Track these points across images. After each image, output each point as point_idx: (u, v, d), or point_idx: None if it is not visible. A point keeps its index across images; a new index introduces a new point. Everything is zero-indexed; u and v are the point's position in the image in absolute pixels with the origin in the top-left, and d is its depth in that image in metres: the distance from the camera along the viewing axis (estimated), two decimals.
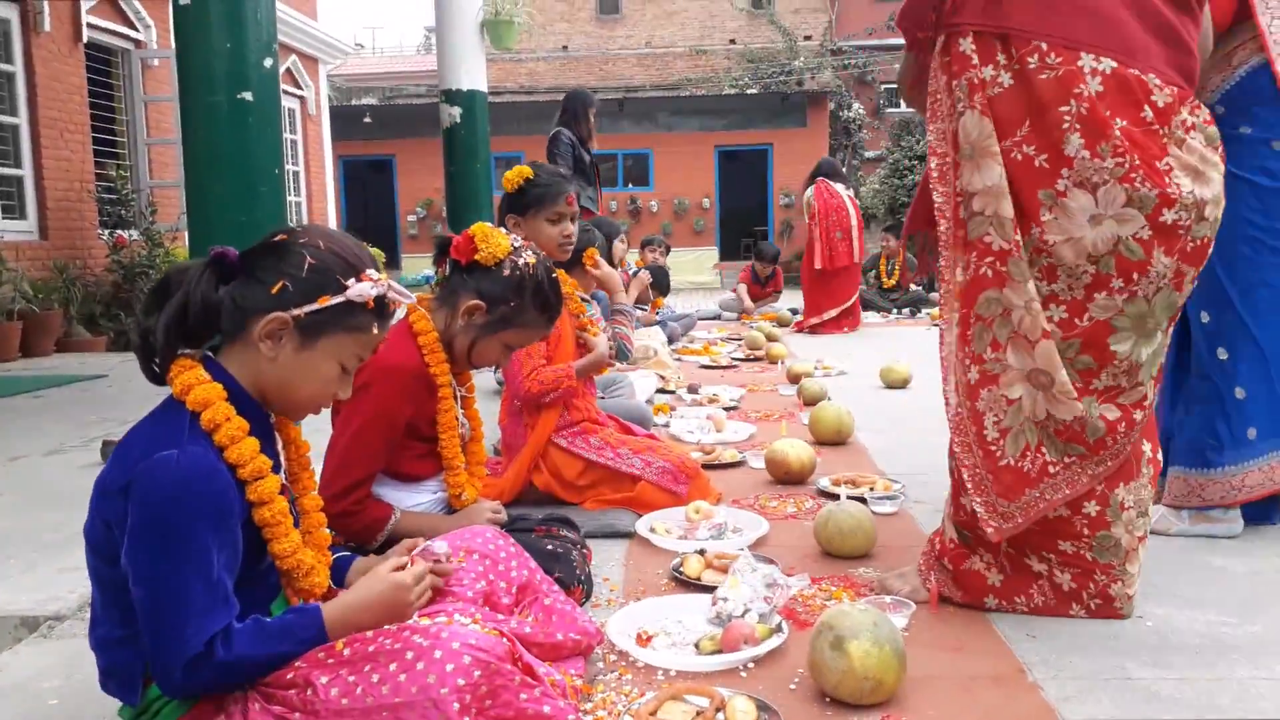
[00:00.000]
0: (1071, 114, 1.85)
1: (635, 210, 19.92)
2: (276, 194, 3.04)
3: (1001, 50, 1.92)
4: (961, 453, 2.03)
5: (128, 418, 4.26)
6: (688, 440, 3.79)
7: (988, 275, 1.96)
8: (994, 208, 1.93)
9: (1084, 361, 1.94)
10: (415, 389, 2.09)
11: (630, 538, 2.61)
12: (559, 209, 2.87)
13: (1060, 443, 1.97)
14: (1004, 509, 1.99)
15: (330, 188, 13.78)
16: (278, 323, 1.43)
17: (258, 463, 1.42)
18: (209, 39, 2.88)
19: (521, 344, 2.23)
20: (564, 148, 6.03)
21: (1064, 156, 1.87)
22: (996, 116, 1.92)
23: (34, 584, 2.28)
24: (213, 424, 1.39)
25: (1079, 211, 1.88)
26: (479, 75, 6.27)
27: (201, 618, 1.31)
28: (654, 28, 23.43)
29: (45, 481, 3.29)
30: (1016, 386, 1.96)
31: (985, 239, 1.95)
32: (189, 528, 1.31)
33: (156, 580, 1.30)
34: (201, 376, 1.42)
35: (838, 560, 2.40)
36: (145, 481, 1.31)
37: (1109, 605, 2.02)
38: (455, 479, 2.16)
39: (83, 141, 8.51)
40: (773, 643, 1.85)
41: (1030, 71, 1.89)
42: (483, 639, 1.38)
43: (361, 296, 1.45)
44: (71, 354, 7.42)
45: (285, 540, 1.47)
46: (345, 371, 1.51)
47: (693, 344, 7.24)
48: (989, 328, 1.97)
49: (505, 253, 2.13)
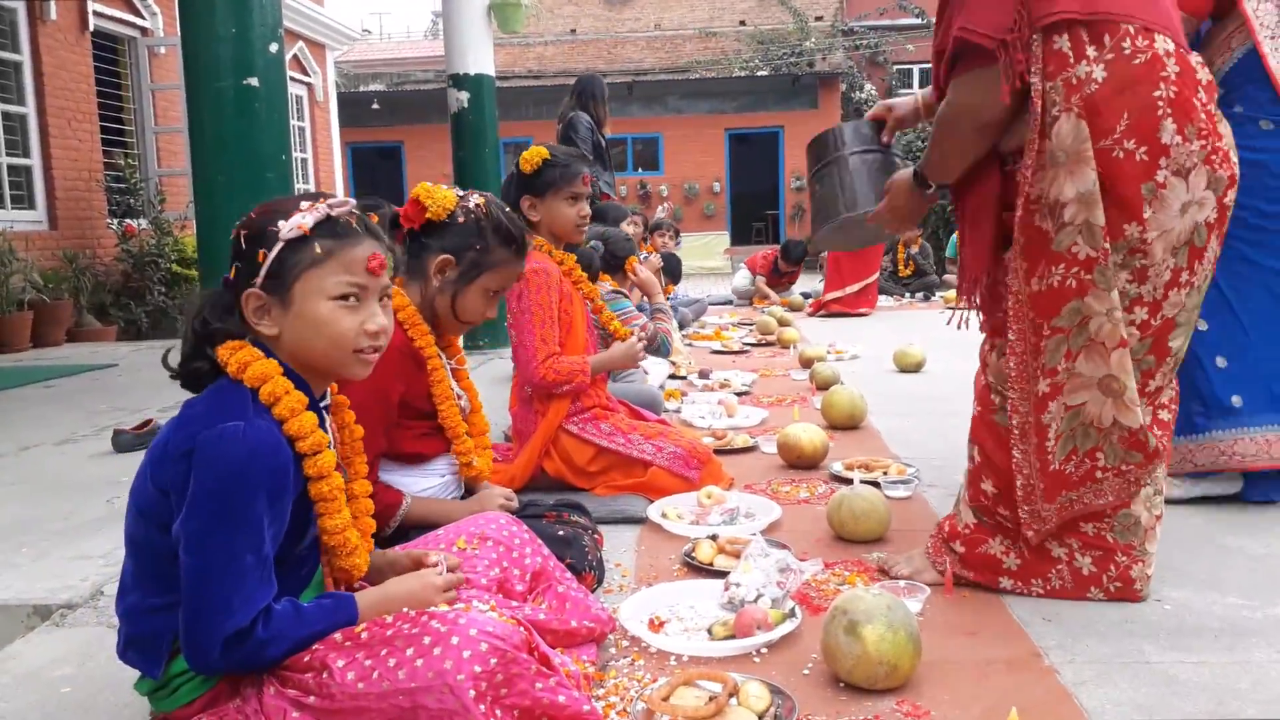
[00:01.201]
0: (1163, 98, 1.81)
1: (645, 195, 19.86)
2: (284, 180, 3.03)
3: (1091, 41, 1.81)
4: (1021, 460, 1.99)
5: (139, 407, 4.26)
6: (699, 426, 3.77)
7: (1071, 286, 1.87)
8: (1085, 215, 1.83)
9: (1148, 361, 1.94)
10: (403, 365, 2.08)
11: (642, 523, 2.59)
12: (576, 189, 2.86)
13: (1121, 449, 1.94)
14: (1044, 512, 1.99)
15: (338, 175, 13.78)
16: (253, 299, 1.44)
17: (317, 436, 1.45)
18: (214, 25, 2.87)
19: (502, 285, 2.20)
20: (584, 131, 5.98)
21: (1161, 145, 1.82)
22: (1093, 117, 1.81)
23: (46, 573, 2.28)
24: (273, 397, 1.42)
25: (1174, 201, 1.84)
26: (486, 60, 6.24)
27: (250, 591, 1.33)
28: (662, 10, 23.27)
29: (56, 471, 3.30)
30: (1081, 393, 1.92)
31: (1073, 249, 1.85)
32: (250, 499, 1.33)
33: (210, 549, 1.32)
34: (255, 354, 1.44)
35: (851, 545, 2.39)
36: (212, 449, 1.33)
37: (1129, 587, 2.00)
38: (462, 446, 2.16)
39: (91, 131, 8.52)
40: (786, 628, 1.84)
41: (1125, 58, 1.80)
42: (500, 627, 1.38)
43: (293, 232, 1.43)
44: (82, 343, 7.45)
45: (337, 516, 1.49)
46: (349, 300, 1.45)
47: (704, 329, 7.22)
48: (1067, 339, 1.90)
49: (454, 203, 2.13)
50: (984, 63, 1.86)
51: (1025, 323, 1.94)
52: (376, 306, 1.49)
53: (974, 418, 2.15)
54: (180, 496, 1.34)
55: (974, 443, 2.13)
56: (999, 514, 2.06)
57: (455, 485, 2.23)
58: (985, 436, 2.10)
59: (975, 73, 1.89)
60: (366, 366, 1.50)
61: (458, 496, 2.23)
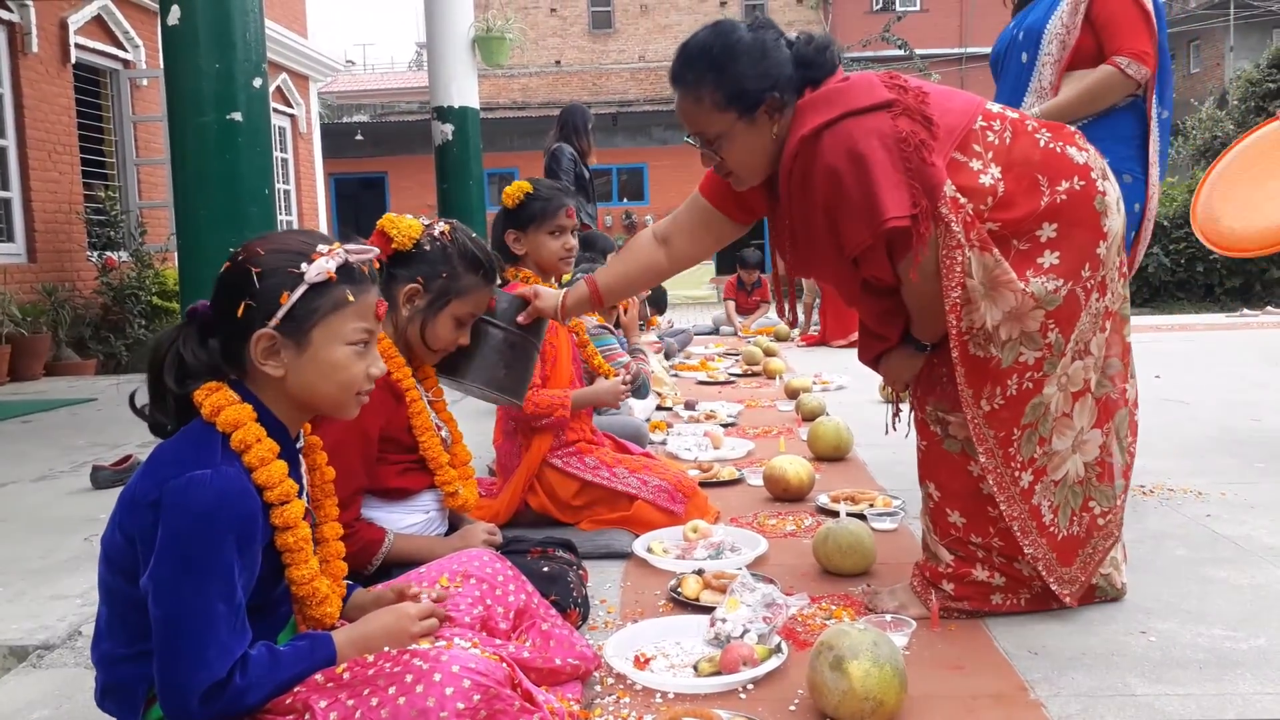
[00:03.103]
0: (1044, 139, 2.00)
1: (630, 225, 19.93)
2: (267, 214, 3.02)
3: (968, 157, 1.93)
4: (1031, 550, 2.04)
5: (118, 442, 4.23)
6: (685, 458, 3.76)
7: (1029, 388, 1.97)
8: (1020, 328, 1.94)
9: (1114, 365, 2.07)
10: (380, 398, 2.06)
11: (627, 558, 2.58)
12: (559, 222, 2.86)
13: (1103, 486, 2.07)
14: (1068, 575, 2.07)
15: (322, 206, 13.77)
16: (265, 340, 1.43)
17: (286, 486, 1.43)
18: (197, 60, 2.87)
19: (471, 312, 2.18)
20: (567, 163, 6.02)
21: (1078, 165, 1.99)
22: (1015, 207, 1.92)
23: (22, 613, 2.25)
24: (244, 444, 1.40)
25: (1113, 201, 2.02)
26: (471, 92, 6.27)
27: (224, 641, 1.31)
28: (647, 42, 23.50)
29: (33, 508, 3.26)
30: (1063, 467, 2.03)
31: (1020, 358, 1.95)
32: (219, 547, 1.31)
33: (180, 599, 1.29)
34: (231, 398, 1.43)
35: (837, 578, 2.38)
36: (178, 497, 1.31)
37: (1090, 591, 2.14)
38: (445, 476, 2.14)
39: (71, 163, 8.49)
40: (772, 663, 1.83)
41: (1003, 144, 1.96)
42: (482, 663, 1.37)
43: (320, 275, 1.44)
44: (60, 377, 7.39)
45: (304, 566, 1.47)
46: (360, 347, 1.49)
47: (690, 360, 7.22)
48: (1036, 429, 1.99)
49: (419, 231, 2.13)
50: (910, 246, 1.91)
51: (989, 441, 2.00)
52: (376, 351, 1.53)
53: (920, 455, 2.17)
54: (147, 546, 1.32)
55: (927, 480, 2.15)
56: (971, 543, 2.08)
57: (440, 521, 2.22)
58: (938, 470, 2.12)
59: (909, 256, 1.93)
60: (359, 407, 1.54)
61: (443, 532, 2.21)
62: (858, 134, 1.88)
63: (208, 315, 1.48)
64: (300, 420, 1.54)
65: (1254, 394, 4.99)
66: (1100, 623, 2.07)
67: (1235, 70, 19.11)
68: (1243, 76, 15.23)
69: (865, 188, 1.86)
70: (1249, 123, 14.45)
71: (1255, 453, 3.63)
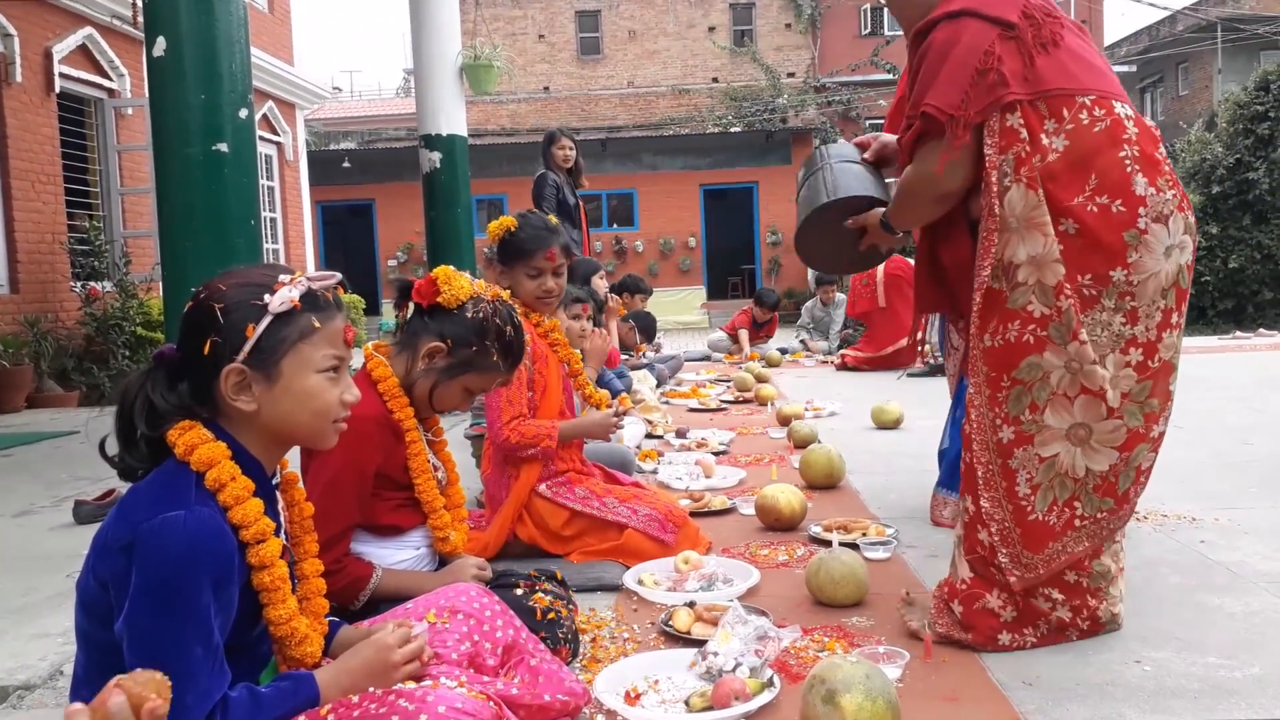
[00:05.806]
0: (1129, 157, 1.99)
1: (620, 250, 19.98)
2: (253, 245, 3.00)
3: (1050, 115, 2.00)
4: (991, 508, 2.07)
5: (101, 476, 4.18)
6: (676, 487, 3.74)
7: (1029, 341, 2.02)
8: (1037, 276, 2.00)
9: (1151, 405, 2.05)
10: (380, 437, 2.05)
11: (618, 590, 2.55)
12: (538, 264, 2.83)
13: (1096, 498, 2.06)
14: (1027, 560, 2.06)
15: (308, 234, 13.75)
16: (234, 374, 1.41)
17: (261, 525, 1.40)
18: (183, 92, 2.86)
19: (482, 388, 2.20)
20: (548, 191, 6.03)
21: (1136, 197, 1.98)
22: (1055, 183, 1.98)
23: (3, 652, 2.21)
24: (218, 483, 1.38)
25: (1157, 245, 1.99)
26: (459, 120, 6.27)
27: (203, 686, 1.28)
28: (635, 68, 23.63)
29: (14, 544, 3.21)
30: (1053, 445, 2.04)
31: (1028, 307, 2.01)
32: (195, 589, 1.28)
33: (157, 644, 1.26)
34: (204, 436, 1.40)
35: (830, 609, 2.36)
36: (151, 541, 1.28)
37: (1096, 624, 2.11)
38: (438, 521, 2.13)
39: (55, 192, 8.44)
40: (764, 698, 1.80)
41: (1084, 127, 2.00)
42: (469, 703, 1.35)
43: (284, 305, 1.42)
44: (43, 409, 7.32)
45: (281, 607, 1.44)
46: (331, 373, 1.47)
47: (680, 386, 7.20)
48: (1028, 391, 2.03)
49: (468, 295, 2.11)
50: (942, 136, 2.07)
51: (980, 376, 2.08)
52: (349, 377, 1.51)
53: (964, 469, 2.16)
54: (120, 591, 1.29)
55: (965, 494, 2.15)
56: (996, 563, 2.07)
57: (430, 557, 2.19)
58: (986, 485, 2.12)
59: (934, 144, 2.10)
60: (337, 435, 1.52)
61: (433, 568, 2.19)
62: (964, 33, 2.05)
63: (175, 357, 1.45)
64: (277, 456, 1.52)
65: (1247, 417, 5.01)
66: (1095, 652, 2.05)
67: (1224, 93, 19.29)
68: (1231, 99, 15.36)
69: (934, 74, 2.05)
70: (1237, 145, 14.51)
71: (1248, 478, 3.64)
